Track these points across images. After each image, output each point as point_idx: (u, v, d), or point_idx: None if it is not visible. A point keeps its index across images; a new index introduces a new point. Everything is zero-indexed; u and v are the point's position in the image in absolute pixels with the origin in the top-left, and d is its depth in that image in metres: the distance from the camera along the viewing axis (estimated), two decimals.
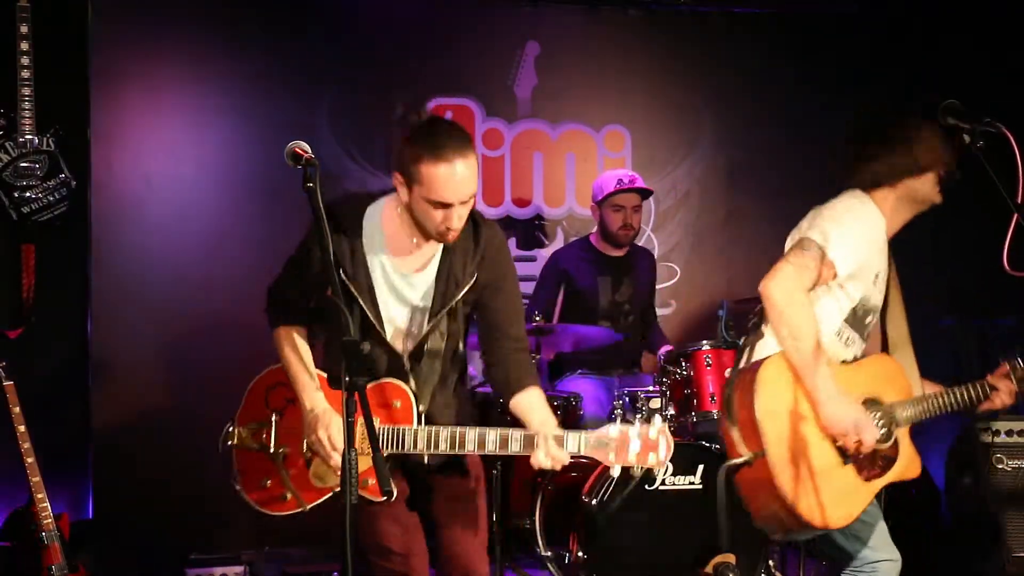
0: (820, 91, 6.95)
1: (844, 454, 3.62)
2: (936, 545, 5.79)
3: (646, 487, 4.90)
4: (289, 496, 3.67)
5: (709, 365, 5.21)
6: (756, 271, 4.05)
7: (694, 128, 6.99)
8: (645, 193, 6.08)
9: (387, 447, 3.51)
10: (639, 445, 3.35)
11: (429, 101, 6.62)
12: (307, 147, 3.18)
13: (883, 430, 3.70)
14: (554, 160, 6.85)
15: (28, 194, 5.57)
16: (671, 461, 4.82)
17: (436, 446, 3.48)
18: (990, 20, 6.66)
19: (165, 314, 6.17)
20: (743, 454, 3.59)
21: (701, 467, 4.94)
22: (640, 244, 6.39)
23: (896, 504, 3.89)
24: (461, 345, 3.72)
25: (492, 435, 3.46)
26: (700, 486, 4.93)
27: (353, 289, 3.57)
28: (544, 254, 6.65)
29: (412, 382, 3.62)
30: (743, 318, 5.35)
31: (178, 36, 6.34)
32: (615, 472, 3.46)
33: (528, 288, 6.40)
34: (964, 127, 3.65)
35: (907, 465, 3.76)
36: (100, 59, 6.14)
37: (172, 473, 6.04)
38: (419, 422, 3.56)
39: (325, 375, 3.66)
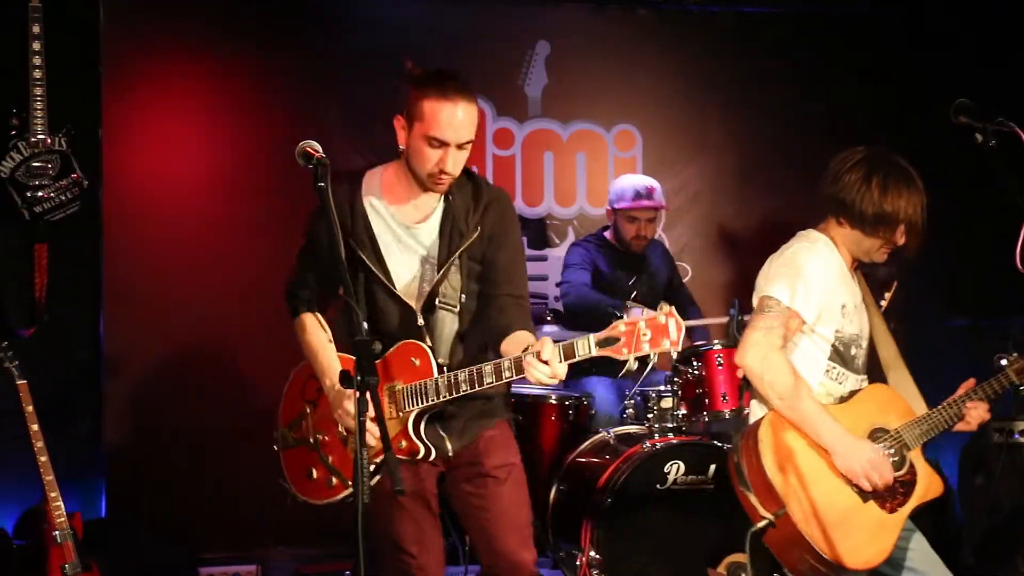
0: (830, 91, 6.94)
1: (862, 492, 3.62)
2: (949, 545, 5.78)
3: (658, 487, 4.90)
4: (335, 480, 3.66)
5: (721, 364, 5.21)
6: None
7: (705, 127, 6.99)
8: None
9: (413, 403, 3.48)
10: (650, 332, 3.22)
11: None
12: (318, 146, 3.19)
13: (895, 457, 3.69)
14: (565, 160, 6.85)
15: (40, 194, 5.58)
16: (683, 461, 4.90)
17: (457, 388, 3.43)
18: (1002, 21, 6.64)
19: (177, 313, 6.19)
20: (765, 516, 3.58)
21: (713, 467, 4.94)
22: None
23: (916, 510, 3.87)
24: (474, 303, 3.65)
25: (506, 362, 3.36)
26: (712, 486, 4.93)
27: (356, 247, 3.56)
28: (555, 253, 6.65)
29: (427, 338, 3.58)
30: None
31: (189, 36, 6.35)
32: (632, 364, 3.39)
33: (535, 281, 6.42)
34: (976, 126, 3.64)
35: (928, 486, 3.75)
36: (112, 59, 6.16)
37: (185, 472, 6.06)
38: (439, 373, 3.51)
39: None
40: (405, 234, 3.62)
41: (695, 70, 6.95)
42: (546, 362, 3.25)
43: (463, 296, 3.62)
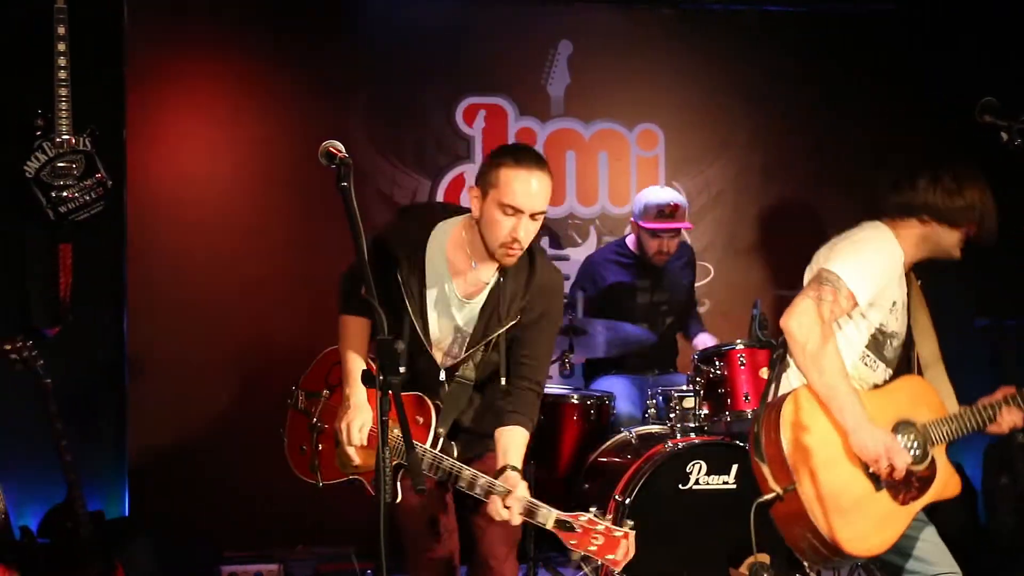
0: (855, 90, 6.91)
1: (877, 480, 3.62)
2: (973, 546, 5.75)
3: (680, 487, 4.89)
4: (315, 469, 3.85)
5: (743, 364, 5.19)
6: (790, 270, 4.06)
7: (727, 127, 6.96)
8: None
9: (398, 456, 3.55)
10: (602, 540, 3.35)
11: (462, 100, 6.62)
12: (341, 146, 3.20)
13: (917, 451, 3.69)
14: (587, 159, 6.84)
15: (65, 194, 5.61)
16: (705, 461, 4.89)
17: (435, 472, 3.55)
18: None
19: (201, 312, 6.21)
20: (774, 489, 3.60)
21: (735, 467, 4.92)
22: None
23: (932, 505, 3.85)
24: (503, 380, 3.72)
25: (481, 482, 3.49)
26: (734, 486, 4.92)
27: (404, 294, 3.64)
28: (576, 253, 6.64)
29: (440, 399, 3.69)
30: (777, 316, 5.37)
31: (213, 36, 6.37)
32: (575, 556, 3.44)
33: None
34: (1001, 125, 3.63)
35: (945, 484, 3.75)
36: (135, 59, 6.18)
37: (208, 471, 6.08)
38: (433, 444, 3.61)
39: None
40: (453, 302, 3.69)
41: (718, 69, 6.92)
42: (509, 507, 3.42)
43: (485, 374, 3.75)
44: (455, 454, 3.66)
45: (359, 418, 3.62)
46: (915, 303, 3.94)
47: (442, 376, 3.70)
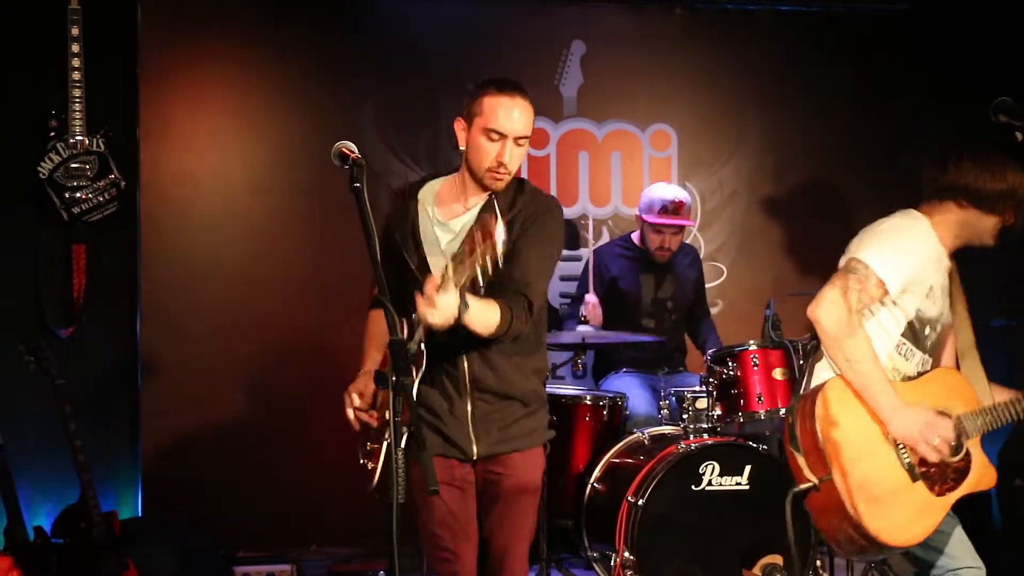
0: (868, 90, 6.89)
1: (912, 471, 3.61)
2: (987, 548, 5.72)
3: (693, 487, 4.88)
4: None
5: (756, 365, 5.18)
6: (803, 270, 4.05)
7: (740, 127, 6.95)
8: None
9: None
10: (480, 233, 3.16)
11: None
12: (354, 147, 3.20)
13: (954, 443, 3.66)
14: (600, 160, 6.83)
15: (79, 195, 5.63)
16: (718, 462, 4.88)
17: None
18: None
19: (214, 313, 6.22)
20: (810, 479, 3.58)
21: (748, 468, 4.91)
22: (685, 241, 6.35)
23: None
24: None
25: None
26: (747, 487, 4.91)
27: (400, 245, 3.64)
28: (589, 254, 6.63)
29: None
30: (790, 317, 5.36)
31: (225, 37, 6.38)
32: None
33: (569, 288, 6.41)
34: (1016, 124, 3.63)
35: (981, 476, 3.73)
36: (148, 60, 6.18)
37: (221, 471, 6.09)
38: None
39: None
40: (442, 231, 3.68)
41: (731, 69, 6.91)
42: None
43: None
44: (473, 451, 3.62)
45: (356, 383, 3.63)
46: (953, 289, 3.91)
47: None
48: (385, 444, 3.54)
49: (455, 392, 3.64)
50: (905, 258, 3.70)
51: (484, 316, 3.43)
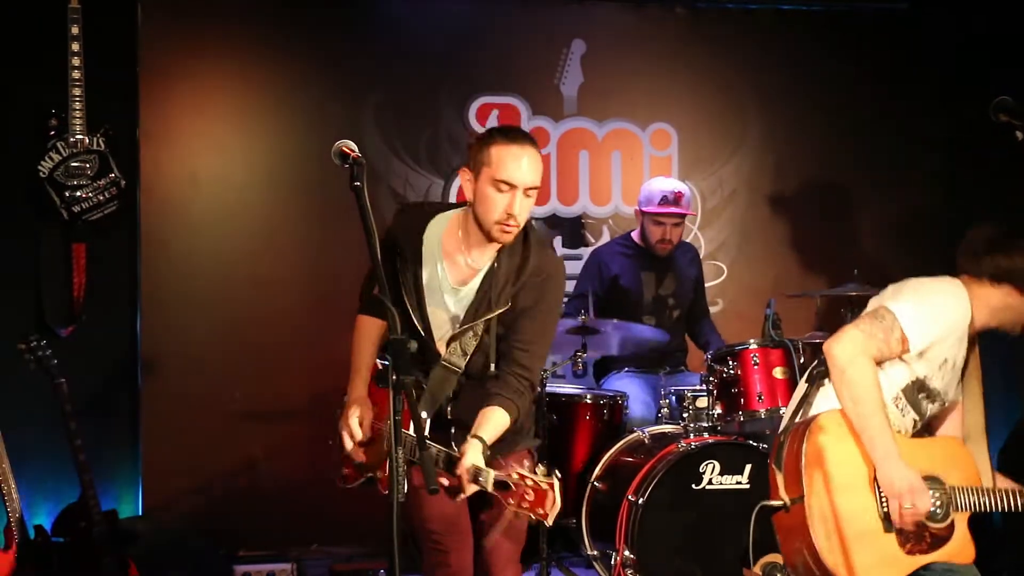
0: (869, 89, 6.89)
1: (888, 522, 3.57)
2: (986, 548, 5.71)
3: (693, 486, 4.88)
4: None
5: (756, 364, 5.18)
6: (803, 269, 4.04)
7: (741, 126, 6.95)
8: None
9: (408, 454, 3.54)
10: (532, 496, 3.29)
11: (475, 100, 6.62)
12: (354, 146, 3.20)
13: (939, 511, 3.63)
14: (600, 159, 6.83)
15: (79, 193, 5.63)
16: (718, 461, 4.88)
17: (411, 453, 3.45)
18: None
19: (214, 312, 6.22)
20: (782, 498, 3.58)
21: (749, 467, 4.92)
22: (685, 240, 6.35)
23: None
24: (491, 366, 3.69)
25: (439, 452, 3.48)
26: (747, 486, 4.91)
27: (402, 285, 3.64)
28: (589, 253, 6.64)
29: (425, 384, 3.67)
30: (790, 316, 5.36)
31: (226, 36, 6.38)
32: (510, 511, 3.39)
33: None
34: (1016, 124, 3.61)
35: (959, 550, 3.68)
36: (149, 59, 6.18)
37: (221, 470, 6.09)
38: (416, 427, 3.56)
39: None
40: (448, 289, 3.69)
41: (731, 68, 6.91)
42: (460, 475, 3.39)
43: (474, 359, 3.68)
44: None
45: (355, 414, 3.64)
46: (970, 369, 3.85)
47: (440, 354, 3.68)
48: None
49: (438, 429, 3.65)
50: (935, 325, 3.65)
51: (498, 432, 3.53)
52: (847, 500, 3.54)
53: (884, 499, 3.56)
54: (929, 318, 3.64)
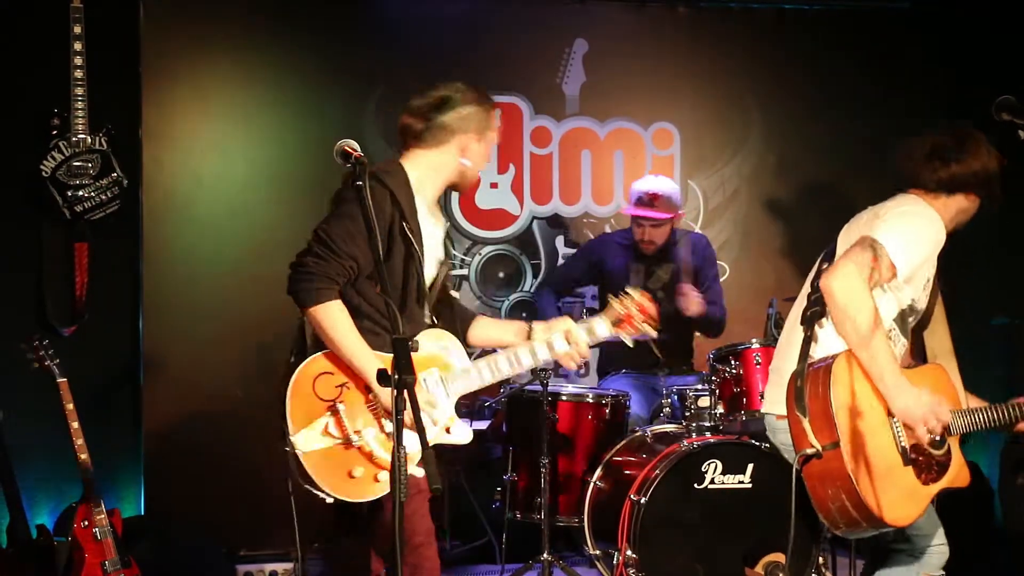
0: (870, 88, 6.89)
1: (906, 455, 3.61)
2: (989, 546, 5.73)
3: (695, 486, 4.88)
4: (382, 476, 3.66)
5: (759, 363, 5.18)
6: (805, 269, 4.03)
7: (743, 125, 6.95)
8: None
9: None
10: (638, 313, 3.79)
11: None
12: (356, 145, 3.20)
13: (938, 438, 3.67)
14: (602, 158, 6.83)
15: (81, 193, 5.63)
16: (720, 460, 4.88)
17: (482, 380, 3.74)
18: None
19: (216, 312, 6.22)
20: (814, 445, 3.54)
21: (751, 466, 4.91)
22: (695, 231, 6.33)
23: (949, 504, 3.85)
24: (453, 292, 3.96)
25: (544, 338, 3.83)
26: (750, 485, 4.91)
27: (414, 241, 3.60)
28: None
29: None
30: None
31: (228, 36, 6.38)
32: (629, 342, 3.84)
33: None
34: (1019, 123, 3.62)
35: (957, 474, 3.75)
36: (151, 59, 6.18)
37: (223, 469, 6.08)
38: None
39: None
40: (435, 233, 3.75)
41: (733, 67, 6.91)
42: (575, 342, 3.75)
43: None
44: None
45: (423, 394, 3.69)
46: (934, 291, 3.92)
47: (426, 315, 3.74)
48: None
49: None
50: (919, 248, 3.70)
51: None
52: (872, 439, 3.57)
53: (901, 431, 3.61)
54: (913, 243, 3.69)
